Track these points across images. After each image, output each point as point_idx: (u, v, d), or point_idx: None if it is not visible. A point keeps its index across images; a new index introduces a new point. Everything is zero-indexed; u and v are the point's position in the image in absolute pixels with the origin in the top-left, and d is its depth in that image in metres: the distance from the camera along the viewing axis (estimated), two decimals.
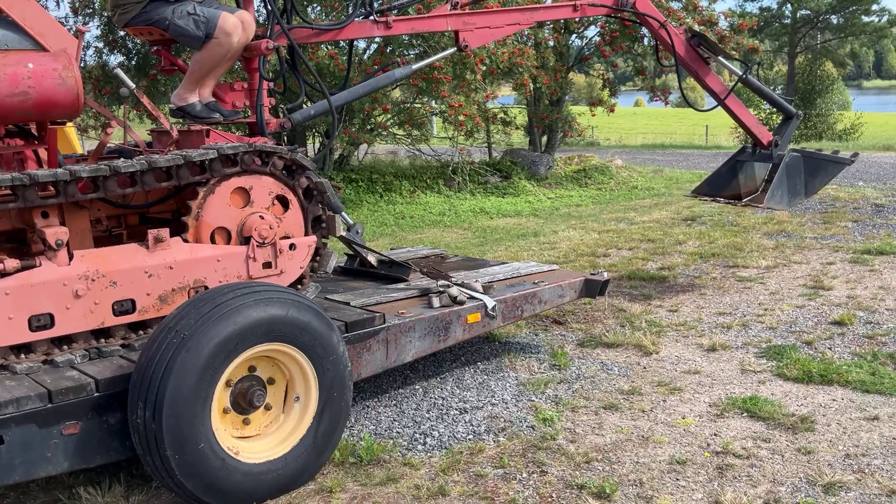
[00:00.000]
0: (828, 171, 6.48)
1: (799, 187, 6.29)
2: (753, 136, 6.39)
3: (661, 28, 5.94)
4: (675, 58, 6.04)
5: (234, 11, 4.24)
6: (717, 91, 6.21)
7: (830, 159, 6.47)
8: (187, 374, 3.09)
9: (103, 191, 3.46)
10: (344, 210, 4.95)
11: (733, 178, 6.48)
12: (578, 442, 3.92)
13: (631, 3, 5.75)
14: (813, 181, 6.39)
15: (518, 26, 5.40)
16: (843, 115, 32.88)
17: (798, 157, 6.31)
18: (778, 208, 6.30)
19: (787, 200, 6.29)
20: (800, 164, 6.29)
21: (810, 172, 6.32)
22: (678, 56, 6.02)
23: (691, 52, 6.09)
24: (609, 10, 5.83)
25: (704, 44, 6.12)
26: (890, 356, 4.91)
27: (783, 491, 3.40)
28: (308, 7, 12.28)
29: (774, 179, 6.15)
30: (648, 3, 5.97)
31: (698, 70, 6.13)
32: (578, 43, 15.55)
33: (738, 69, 6.35)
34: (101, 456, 3.22)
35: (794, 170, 6.26)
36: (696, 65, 6.12)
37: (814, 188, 6.46)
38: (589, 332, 5.66)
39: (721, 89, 6.20)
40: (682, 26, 6.40)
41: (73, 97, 3.45)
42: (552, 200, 12.80)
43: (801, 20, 32.73)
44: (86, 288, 3.37)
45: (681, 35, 6.08)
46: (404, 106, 13.30)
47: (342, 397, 3.57)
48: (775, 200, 6.17)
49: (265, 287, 3.43)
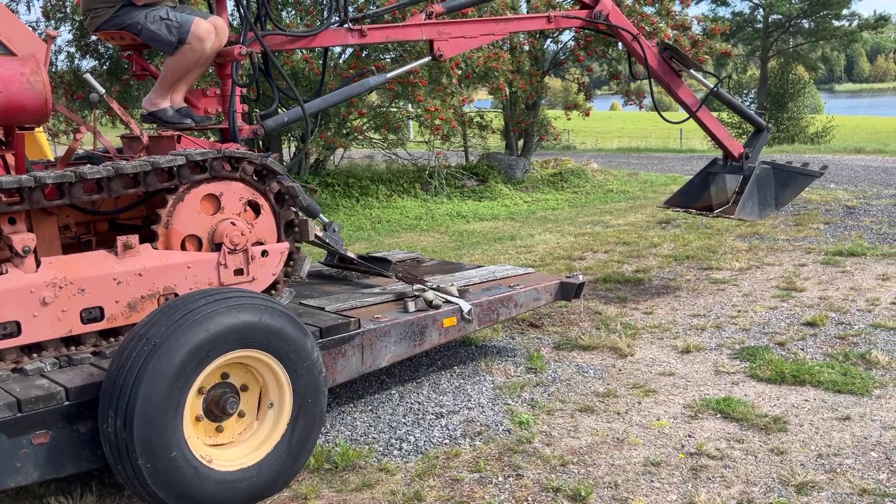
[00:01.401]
0: (797, 183, 6.54)
1: (769, 199, 6.35)
2: (725, 149, 6.43)
3: (633, 41, 5.97)
4: (647, 70, 6.08)
5: (207, 17, 4.21)
6: (688, 104, 6.24)
7: (800, 172, 6.53)
8: (158, 381, 3.05)
9: (70, 197, 3.41)
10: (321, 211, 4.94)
11: (705, 190, 6.54)
12: (554, 445, 3.92)
13: (604, 15, 5.77)
14: (783, 193, 6.45)
15: (492, 36, 5.42)
16: (815, 118, 33.28)
17: (768, 169, 6.36)
18: (749, 219, 6.36)
19: (758, 212, 6.34)
20: (770, 176, 6.35)
21: (780, 184, 6.39)
22: (650, 68, 6.06)
23: (664, 65, 6.13)
24: (582, 23, 5.86)
25: (676, 57, 6.16)
26: (861, 356, 4.97)
27: (756, 491, 3.42)
28: (283, 11, 12.24)
29: (745, 191, 6.20)
30: (621, 15, 6.01)
31: (670, 83, 6.16)
32: (554, 47, 15.63)
33: (709, 82, 6.39)
34: (72, 465, 3.18)
35: (765, 182, 6.32)
36: (669, 77, 6.15)
37: (784, 200, 6.52)
38: (565, 334, 5.67)
39: (693, 102, 6.23)
40: (655, 39, 6.45)
41: (42, 102, 3.41)
42: (528, 204, 12.84)
43: (773, 24, 33.08)
44: (53, 295, 3.32)
45: (653, 48, 6.12)
46: (380, 110, 13.29)
47: (317, 403, 3.54)
48: (746, 212, 6.22)
49: (237, 293, 3.40)
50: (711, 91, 6.31)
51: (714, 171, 6.56)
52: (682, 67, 6.19)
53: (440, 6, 5.16)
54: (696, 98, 6.28)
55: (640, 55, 6.03)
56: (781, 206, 6.60)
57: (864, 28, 32.61)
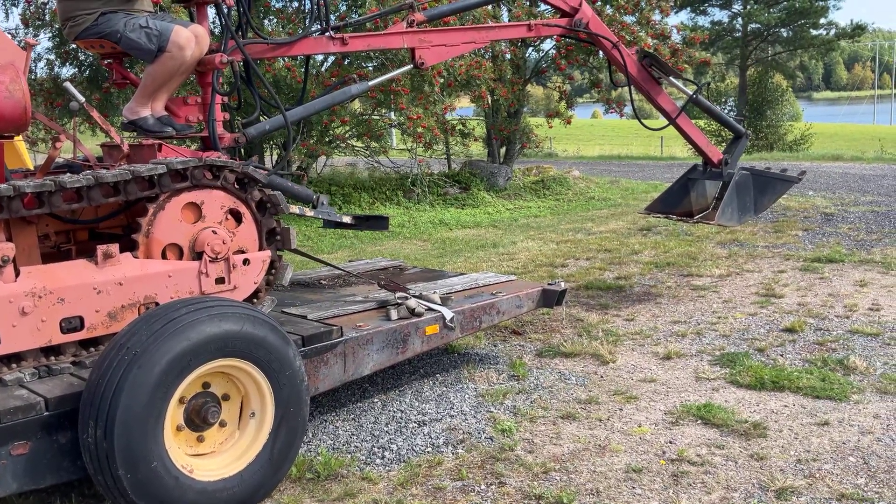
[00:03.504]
0: (776, 189, 6.59)
1: (749, 205, 6.40)
2: (704, 155, 6.48)
3: (613, 48, 6.01)
4: (627, 78, 6.12)
5: (187, 25, 4.20)
6: (668, 111, 6.27)
7: (779, 177, 6.59)
8: (139, 391, 3.03)
9: (50, 206, 3.39)
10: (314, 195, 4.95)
11: (685, 196, 6.58)
12: (536, 452, 3.93)
13: (584, 23, 5.81)
14: (762, 199, 6.50)
15: (474, 44, 5.44)
16: (794, 126, 33.66)
17: (747, 175, 6.41)
18: (729, 225, 6.42)
19: (738, 217, 6.39)
20: (749, 182, 6.40)
21: (759, 190, 6.43)
22: (630, 76, 6.10)
23: (643, 73, 6.17)
24: (563, 31, 5.90)
25: (656, 64, 6.20)
26: (839, 362, 5.02)
27: (737, 497, 3.45)
28: (265, 19, 12.22)
29: (725, 197, 6.24)
30: (601, 23, 6.04)
31: (650, 90, 6.20)
32: (535, 55, 15.72)
33: (689, 89, 6.44)
34: (52, 476, 3.15)
35: (744, 188, 6.36)
36: (648, 85, 6.19)
37: (763, 205, 6.57)
38: (547, 341, 5.69)
39: (672, 109, 6.27)
40: (634, 46, 6.50)
41: (21, 111, 3.39)
42: (511, 211, 12.88)
43: (752, 34, 33.44)
44: (32, 305, 3.30)
45: (633, 56, 6.16)
46: (363, 118, 13.29)
47: (299, 412, 3.53)
48: (726, 217, 6.26)
49: (219, 302, 3.39)
50: (691, 98, 6.36)
51: (694, 177, 6.61)
52: (662, 75, 6.24)
53: (421, 15, 5.18)
54: (675, 105, 6.33)
55: (619, 63, 6.08)
56: (761, 212, 6.66)
57: (841, 37, 33.03)
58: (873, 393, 4.54)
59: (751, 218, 6.53)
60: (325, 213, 4.95)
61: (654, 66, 6.20)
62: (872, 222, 9.97)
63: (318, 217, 4.95)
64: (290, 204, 4.29)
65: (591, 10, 5.89)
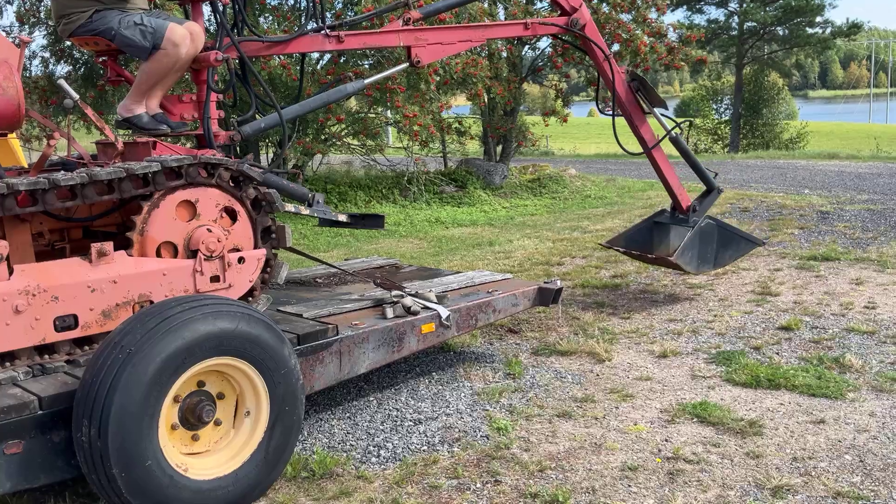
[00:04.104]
0: (739, 248, 6.46)
1: (709, 255, 6.28)
2: (674, 198, 6.35)
3: (605, 60, 5.95)
4: (612, 94, 6.03)
5: (182, 22, 4.19)
6: (646, 139, 6.17)
7: (743, 236, 6.47)
8: (133, 390, 3.02)
9: (44, 204, 3.38)
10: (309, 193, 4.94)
11: (648, 238, 6.49)
12: (532, 450, 3.93)
13: (581, 24, 5.78)
14: (724, 253, 6.37)
15: (470, 43, 5.42)
16: (790, 124, 33.71)
17: (714, 225, 6.31)
18: (686, 268, 6.19)
19: (696, 265, 6.24)
20: (714, 232, 6.29)
21: (722, 244, 6.31)
22: (616, 93, 6.00)
23: (629, 95, 6.09)
24: (559, 30, 5.85)
25: (643, 90, 6.10)
26: (835, 360, 5.02)
27: (732, 495, 3.45)
28: (260, 17, 12.20)
29: (686, 239, 6.12)
30: (597, 32, 5.99)
31: (633, 113, 6.10)
32: (531, 54, 15.70)
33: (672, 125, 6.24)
34: (46, 475, 3.13)
35: (708, 237, 6.25)
36: (632, 108, 6.10)
37: (723, 261, 6.41)
38: (543, 340, 5.69)
39: (650, 138, 6.16)
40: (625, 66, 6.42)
41: (14, 108, 3.38)
42: (507, 210, 12.88)
43: (748, 32, 33.42)
44: (26, 303, 3.28)
45: (622, 74, 6.09)
46: (358, 116, 13.26)
47: (294, 411, 3.53)
48: (684, 259, 6.12)
49: (214, 300, 3.38)
50: (668, 133, 6.18)
51: (660, 220, 6.52)
52: (646, 103, 6.11)
53: (418, 12, 5.16)
54: (655, 137, 6.20)
55: (608, 77, 5.99)
56: (719, 266, 6.45)
57: (837, 35, 33.03)
58: (869, 391, 4.55)
59: (708, 269, 6.34)
60: (321, 212, 4.94)
61: (640, 90, 6.12)
62: (868, 220, 9.98)
63: (314, 215, 4.95)
64: (285, 202, 4.28)
65: (589, 15, 5.86)
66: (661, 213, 6.64)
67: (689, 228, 6.21)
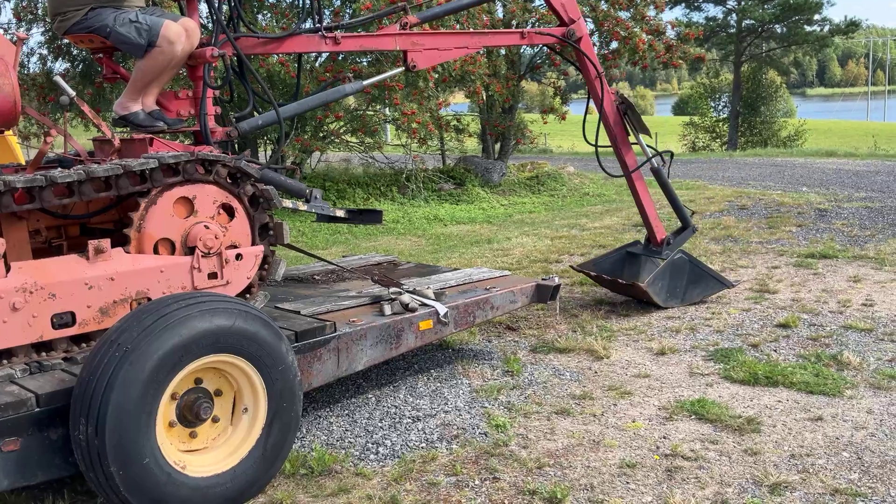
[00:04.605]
0: (708, 286, 6.41)
1: (678, 290, 6.26)
2: (649, 229, 6.31)
3: (596, 78, 5.92)
4: (599, 112, 6.00)
5: (177, 19, 4.18)
6: (628, 164, 6.15)
7: (713, 275, 6.43)
8: (131, 387, 3.02)
9: (40, 201, 3.37)
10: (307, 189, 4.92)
11: (620, 267, 6.44)
12: (531, 448, 3.93)
13: (577, 36, 5.76)
14: (693, 290, 6.33)
15: (466, 49, 5.41)
16: (788, 122, 33.72)
17: (686, 260, 6.27)
18: (654, 298, 6.14)
19: (664, 297, 6.22)
20: (685, 267, 6.26)
21: (692, 280, 6.29)
22: (604, 112, 5.97)
23: (616, 116, 6.07)
24: (555, 41, 5.80)
25: (630, 114, 6.08)
26: (833, 358, 5.02)
27: (730, 492, 3.45)
28: (258, 14, 12.18)
29: (658, 270, 6.10)
30: (592, 48, 5.97)
31: (618, 135, 6.07)
32: (530, 51, 15.69)
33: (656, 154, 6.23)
34: (43, 473, 3.13)
35: (679, 271, 6.23)
36: (618, 129, 6.07)
37: (691, 297, 6.36)
38: (541, 337, 5.69)
39: (632, 163, 6.14)
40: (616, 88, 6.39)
41: (10, 105, 3.37)
42: (505, 207, 12.87)
43: (746, 30, 33.43)
44: (23, 300, 3.28)
45: (612, 94, 6.07)
46: (357, 113, 13.25)
47: (292, 408, 3.52)
48: (654, 289, 6.10)
49: (211, 297, 3.37)
50: (647, 160, 6.15)
51: (633, 251, 6.49)
52: (631, 128, 6.08)
53: (415, 17, 5.15)
54: (637, 163, 6.18)
55: (597, 95, 5.96)
56: (687, 303, 6.39)
57: (835, 33, 33.06)
58: (867, 388, 4.55)
59: (676, 304, 6.29)
60: (319, 207, 4.94)
61: (627, 114, 6.09)
62: (866, 218, 9.99)
63: (312, 211, 4.94)
64: (283, 198, 4.27)
65: (587, 30, 5.84)
66: (634, 244, 6.61)
67: (661, 261, 6.19)
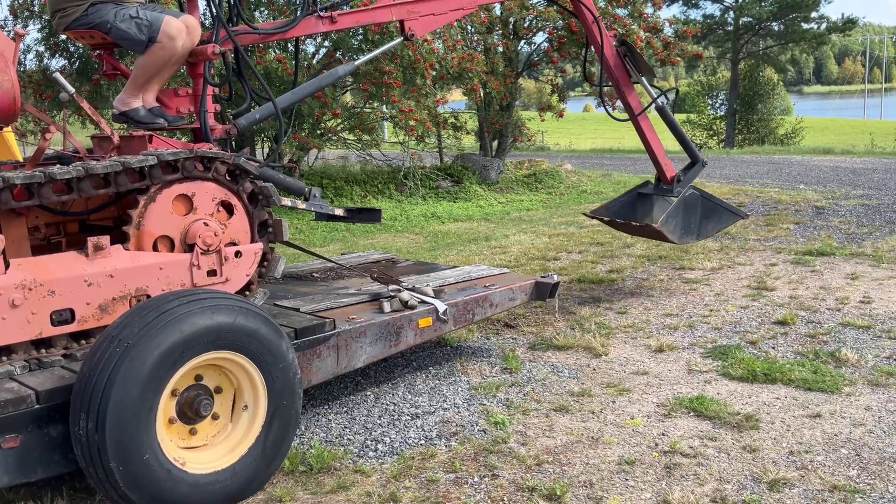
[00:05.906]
0: (722, 219, 6.43)
1: (693, 226, 6.25)
2: (658, 168, 6.33)
3: (593, 23, 5.92)
4: (600, 58, 6.01)
5: (178, 15, 4.17)
6: (633, 106, 6.14)
7: (726, 207, 6.44)
8: (131, 384, 3.02)
9: (39, 198, 3.37)
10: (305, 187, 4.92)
11: (632, 209, 6.45)
12: (529, 445, 3.94)
13: None
14: (707, 224, 6.33)
15: (462, 11, 5.38)
16: (785, 119, 33.73)
17: (697, 195, 6.27)
18: (669, 237, 6.14)
19: (680, 234, 6.20)
20: (697, 203, 6.26)
21: (705, 215, 6.29)
22: (604, 57, 5.98)
23: (617, 59, 6.07)
24: None
25: (630, 56, 6.08)
26: (831, 355, 5.04)
27: (729, 489, 3.46)
28: (255, 11, 12.16)
29: (671, 208, 6.10)
30: None
31: (620, 78, 6.08)
32: (527, 49, 15.69)
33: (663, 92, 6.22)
34: (43, 469, 3.13)
35: (691, 207, 6.22)
36: (619, 72, 6.08)
37: (706, 231, 6.38)
38: (540, 334, 5.69)
39: (636, 106, 6.13)
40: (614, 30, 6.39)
41: (9, 102, 3.37)
42: (503, 205, 12.87)
43: (744, 27, 33.41)
44: (23, 297, 3.27)
45: (610, 38, 6.07)
46: (354, 111, 13.24)
47: (292, 405, 3.52)
48: (668, 228, 6.09)
49: (211, 294, 3.37)
50: (653, 101, 6.15)
51: (644, 192, 6.49)
52: (633, 70, 6.09)
53: None
54: (641, 104, 6.17)
55: (596, 41, 5.96)
56: (703, 237, 6.42)
57: (832, 31, 33.05)
58: (865, 385, 4.56)
59: (691, 240, 6.29)
60: (317, 206, 4.94)
61: (628, 56, 6.09)
62: (863, 216, 10.01)
63: (311, 209, 4.94)
64: (281, 196, 4.26)
65: None
66: (645, 184, 6.59)
67: (673, 199, 6.18)
